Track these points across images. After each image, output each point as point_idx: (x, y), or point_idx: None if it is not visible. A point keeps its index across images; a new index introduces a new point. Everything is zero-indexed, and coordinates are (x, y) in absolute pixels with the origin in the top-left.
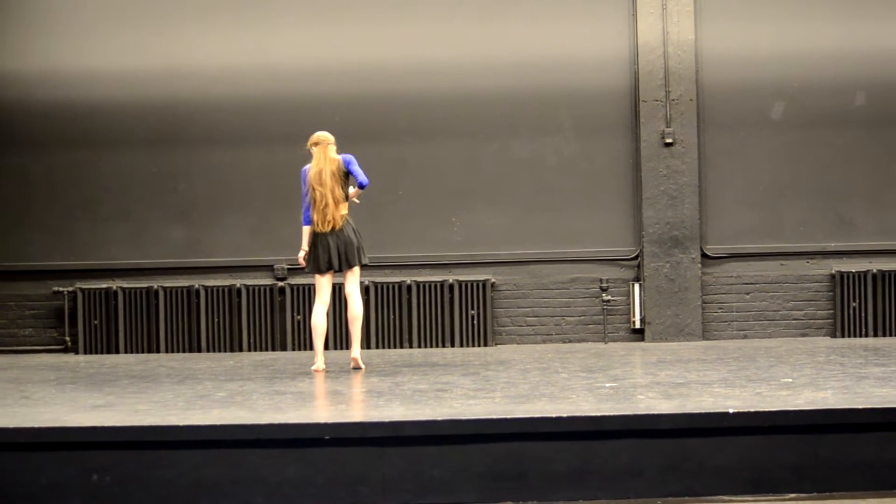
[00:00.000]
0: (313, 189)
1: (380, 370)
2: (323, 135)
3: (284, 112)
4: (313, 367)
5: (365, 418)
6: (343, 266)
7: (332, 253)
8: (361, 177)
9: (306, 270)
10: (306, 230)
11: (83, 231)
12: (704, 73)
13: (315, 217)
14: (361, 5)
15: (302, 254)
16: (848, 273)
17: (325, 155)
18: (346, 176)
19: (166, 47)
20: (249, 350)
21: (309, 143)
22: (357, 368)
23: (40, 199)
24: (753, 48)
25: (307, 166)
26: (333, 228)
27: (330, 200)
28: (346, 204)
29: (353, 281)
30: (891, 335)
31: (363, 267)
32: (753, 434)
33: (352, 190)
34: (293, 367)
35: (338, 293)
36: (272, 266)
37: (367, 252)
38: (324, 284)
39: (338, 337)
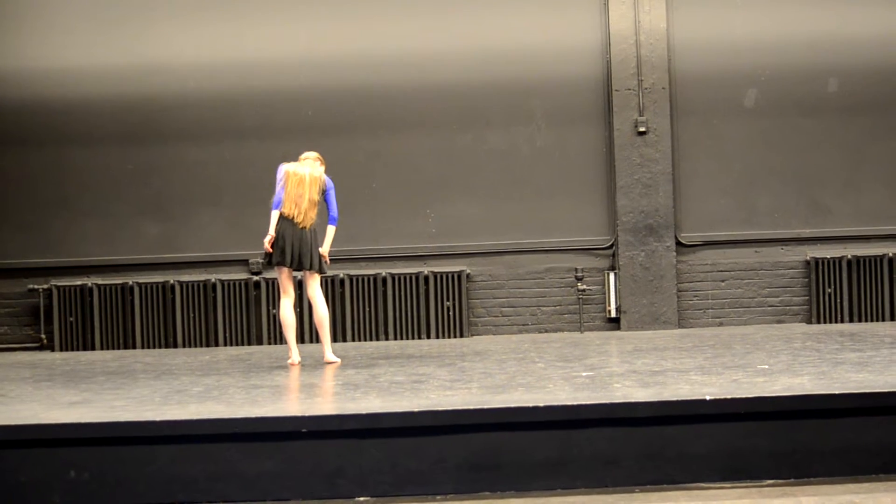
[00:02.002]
0: (297, 184)
1: (356, 362)
2: (314, 153)
3: (257, 107)
4: (289, 361)
5: (342, 411)
6: (294, 264)
7: (286, 249)
8: (335, 209)
9: (266, 262)
10: (275, 214)
11: (58, 228)
12: (677, 62)
13: (288, 205)
14: (333, 0)
15: (268, 238)
16: (823, 259)
17: (312, 166)
18: (322, 195)
19: (139, 44)
20: (225, 344)
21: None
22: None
23: (15, 196)
24: (725, 36)
25: (286, 164)
26: (301, 223)
27: (307, 198)
28: (317, 213)
29: (313, 285)
30: (866, 320)
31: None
32: (730, 421)
33: (324, 252)
34: (269, 361)
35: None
36: (247, 260)
37: (344, 245)
38: (284, 279)
39: (312, 331)
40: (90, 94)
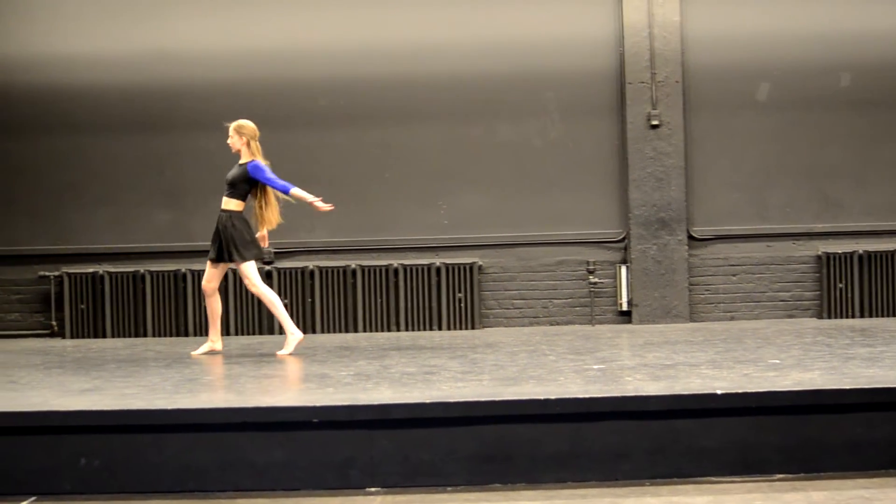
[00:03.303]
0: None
1: (368, 353)
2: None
3: (269, 96)
4: (300, 338)
5: (353, 401)
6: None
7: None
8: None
9: (252, 255)
10: (297, 189)
11: (69, 215)
12: (690, 55)
13: (270, 214)
14: None
15: (319, 201)
16: (834, 254)
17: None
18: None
19: (151, 32)
20: (236, 333)
21: (253, 135)
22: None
23: (26, 184)
24: (738, 29)
25: (259, 161)
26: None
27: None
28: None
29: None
30: (877, 316)
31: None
32: (741, 415)
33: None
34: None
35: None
36: None
37: (356, 235)
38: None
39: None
40: (102, 81)
